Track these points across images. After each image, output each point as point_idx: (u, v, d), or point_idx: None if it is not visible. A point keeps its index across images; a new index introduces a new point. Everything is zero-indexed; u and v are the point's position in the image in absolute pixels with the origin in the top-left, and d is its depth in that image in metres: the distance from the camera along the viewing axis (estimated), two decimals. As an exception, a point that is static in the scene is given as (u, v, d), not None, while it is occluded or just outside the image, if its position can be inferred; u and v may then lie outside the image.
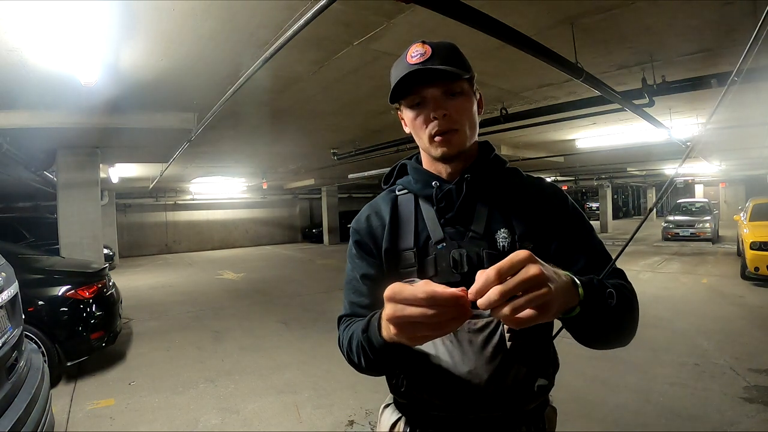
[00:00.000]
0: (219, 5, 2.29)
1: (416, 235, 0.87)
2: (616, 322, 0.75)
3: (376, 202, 0.96)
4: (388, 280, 0.67)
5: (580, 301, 0.65)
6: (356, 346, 0.79)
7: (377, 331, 0.71)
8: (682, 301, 5.66)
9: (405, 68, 0.79)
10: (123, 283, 7.31)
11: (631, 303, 0.80)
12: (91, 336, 3.56)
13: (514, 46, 2.13)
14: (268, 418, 2.89)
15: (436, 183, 0.87)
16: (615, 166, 12.18)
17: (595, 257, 0.84)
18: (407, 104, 0.84)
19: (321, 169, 10.25)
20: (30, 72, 3.04)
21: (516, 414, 0.83)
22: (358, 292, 0.90)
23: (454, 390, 0.81)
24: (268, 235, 18.37)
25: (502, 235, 0.83)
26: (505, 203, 0.87)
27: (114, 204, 12.78)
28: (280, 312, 5.93)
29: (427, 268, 0.84)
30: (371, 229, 0.91)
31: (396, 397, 0.92)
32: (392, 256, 0.87)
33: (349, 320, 0.89)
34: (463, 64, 0.81)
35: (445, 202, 0.86)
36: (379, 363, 0.78)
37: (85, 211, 5.47)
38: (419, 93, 0.81)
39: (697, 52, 3.15)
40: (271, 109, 4.54)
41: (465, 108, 0.82)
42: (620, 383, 3.22)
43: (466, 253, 0.82)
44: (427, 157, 0.91)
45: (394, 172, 0.98)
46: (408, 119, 0.86)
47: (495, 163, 0.90)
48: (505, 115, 4.41)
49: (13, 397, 1.78)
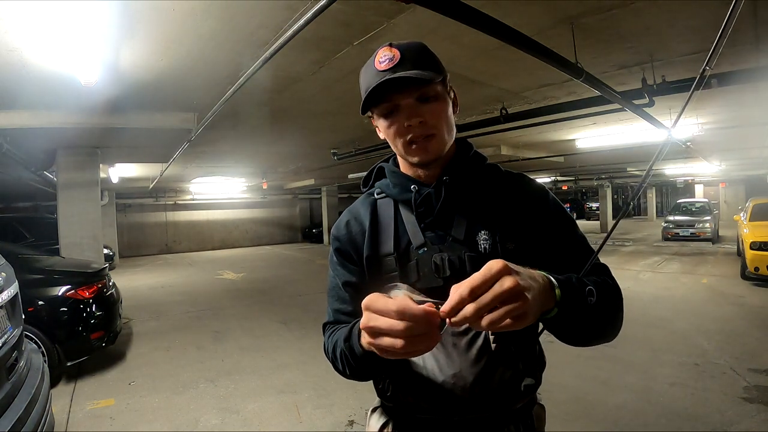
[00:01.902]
0: (219, 5, 2.29)
1: (397, 239, 0.85)
2: (596, 320, 0.74)
3: (355, 206, 0.94)
4: (371, 287, 0.70)
5: (557, 302, 0.65)
6: (340, 354, 0.79)
7: (357, 340, 0.71)
8: (682, 301, 5.66)
9: (374, 75, 0.76)
10: (123, 283, 7.31)
11: (613, 299, 0.78)
12: (91, 336, 3.56)
13: (514, 46, 2.13)
14: (268, 418, 2.89)
15: (414, 187, 0.85)
16: (615, 166, 12.18)
17: (578, 252, 0.83)
18: (380, 113, 0.81)
19: (321, 169, 10.25)
20: (30, 72, 3.04)
21: (503, 414, 0.83)
22: (340, 299, 0.89)
23: (440, 393, 0.80)
24: (268, 235, 18.37)
25: (483, 237, 0.82)
26: (485, 203, 0.85)
27: (114, 204, 12.78)
28: (280, 312, 5.93)
29: (410, 273, 0.82)
30: (351, 236, 0.90)
31: (383, 400, 0.91)
32: (374, 262, 0.86)
33: (333, 327, 0.88)
34: (436, 65, 0.78)
35: (424, 207, 0.85)
36: (362, 370, 0.79)
37: (85, 211, 5.47)
38: (391, 101, 0.78)
39: (697, 52, 3.15)
40: (271, 109, 4.54)
41: (440, 112, 0.79)
42: (620, 383, 3.22)
43: (447, 257, 0.81)
44: (403, 160, 0.89)
45: (372, 175, 0.96)
46: (382, 128, 0.83)
47: (474, 161, 0.88)
48: (505, 115, 4.41)
49: (13, 397, 1.79)
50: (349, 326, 0.77)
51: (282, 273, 9.88)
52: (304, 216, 19.71)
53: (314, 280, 8.64)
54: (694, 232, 12.37)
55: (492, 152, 7.96)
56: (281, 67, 3.19)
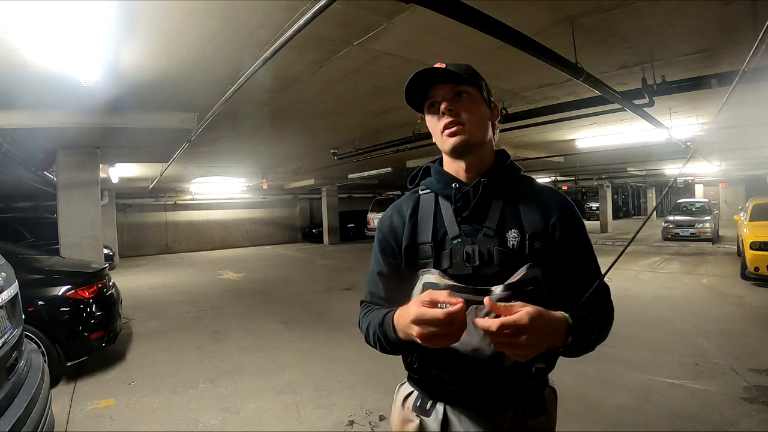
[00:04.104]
0: (219, 5, 2.29)
1: (434, 230, 0.96)
2: (588, 349, 0.90)
3: (399, 202, 1.07)
4: (406, 271, 0.96)
5: (565, 345, 0.82)
6: (373, 335, 0.96)
7: (392, 330, 0.88)
8: (682, 301, 5.66)
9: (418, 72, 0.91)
10: (123, 283, 7.31)
11: (606, 325, 0.94)
12: (91, 336, 3.56)
13: (514, 46, 2.13)
14: (268, 418, 2.89)
15: (455, 184, 0.97)
16: (615, 166, 12.17)
17: (587, 273, 0.96)
18: (426, 110, 0.97)
19: (321, 169, 10.25)
20: (30, 72, 3.04)
21: (515, 391, 0.93)
22: (375, 284, 1.04)
23: (460, 367, 0.90)
24: (268, 235, 18.36)
25: (513, 234, 0.92)
26: (517, 206, 0.96)
27: (114, 204, 12.78)
28: (280, 312, 5.93)
29: (443, 260, 0.93)
30: (393, 227, 1.02)
31: (410, 373, 1.02)
32: (411, 250, 0.97)
33: (368, 307, 1.03)
34: (475, 75, 0.95)
35: (462, 202, 0.96)
36: (393, 350, 0.94)
37: (85, 211, 5.47)
38: (431, 95, 0.94)
39: (697, 52, 3.15)
40: (271, 109, 4.54)
41: (471, 107, 0.93)
42: (620, 383, 3.22)
43: (478, 248, 0.91)
44: (447, 160, 1.01)
45: (419, 174, 1.09)
46: (428, 122, 0.98)
47: (510, 169, 1.00)
48: (505, 115, 4.41)
49: (13, 397, 1.78)
50: (382, 314, 0.93)
51: (282, 273, 9.88)
52: (304, 216, 19.70)
53: (314, 280, 8.64)
54: (694, 232, 12.36)
55: (492, 152, 7.95)
56: (281, 67, 3.19)
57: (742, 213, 8.28)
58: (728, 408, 2.77)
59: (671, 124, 5.28)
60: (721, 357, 3.62)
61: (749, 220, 7.46)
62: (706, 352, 3.77)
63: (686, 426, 2.60)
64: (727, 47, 3.05)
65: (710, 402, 2.87)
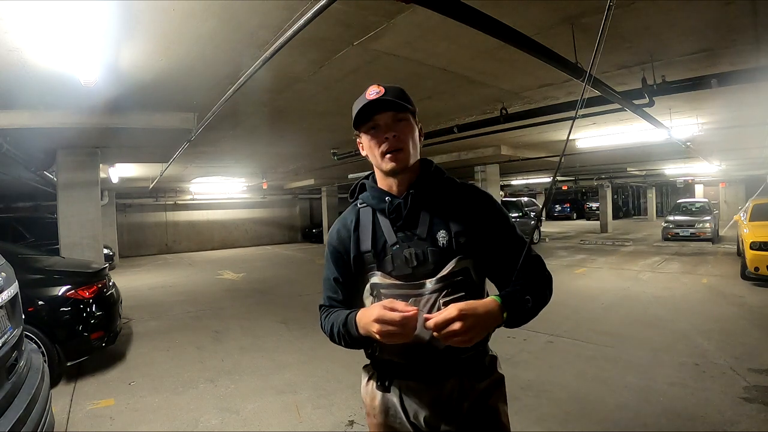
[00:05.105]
0: (219, 5, 2.29)
1: (374, 239, 1.12)
2: (532, 314, 1.03)
3: (344, 216, 1.22)
4: (357, 276, 1.14)
5: (504, 320, 0.97)
6: (337, 333, 1.11)
7: (354, 328, 1.05)
8: (682, 301, 5.66)
9: (364, 101, 1.05)
10: (123, 283, 7.31)
11: (544, 293, 1.07)
12: (91, 336, 3.56)
13: (514, 46, 2.13)
14: (268, 418, 2.89)
15: (388, 198, 1.12)
16: (615, 166, 12.18)
17: (515, 245, 1.11)
18: (365, 130, 1.09)
19: (321, 169, 10.25)
20: (30, 72, 3.04)
21: (453, 363, 1.08)
22: (332, 289, 1.20)
23: (407, 351, 1.08)
24: (268, 235, 18.36)
25: (442, 234, 1.07)
26: (443, 209, 1.10)
27: (114, 204, 12.78)
28: (280, 312, 5.93)
29: (386, 264, 1.09)
30: (341, 239, 1.18)
31: (371, 360, 1.20)
32: (358, 258, 1.14)
33: (328, 309, 1.19)
34: (409, 101, 1.08)
35: (395, 214, 1.11)
36: (355, 345, 1.11)
37: (85, 211, 5.47)
38: (375, 120, 1.07)
39: (697, 52, 3.15)
40: (271, 109, 4.54)
41: (409, 131, 1.08)
42: (620, 383, 3.22)
43: (414, 251, 1.08)
44: (379, 175, 1.15)
45: (356, 189, 1.23)
46: (365, 142, 1.11)
47: (434, 175, 1.14)
48: (505, 115, 4.41)
49: (13, 397, 1.78)
50: (344, 314, 1.09)
51: (282, 273, 9.88)
52: (304, 216, 19.70)
53: (314, 280, 8.64)
54: (694, 232, 12.36)
55: (492, 152, 7.96)
56: (281, 67, 3.19)
57: (742, 213, 8.28)
58: (728, 408, 2.77)
59: (671, 124, 5.28)
60: (721, 357, 3.62)
61: (749, 220, 7.46)
62: (706, 352, 3.77)
63: (686, 426, 2.60)
64: (727, 47, 3.05)
65: (710, 402, 2.87)
